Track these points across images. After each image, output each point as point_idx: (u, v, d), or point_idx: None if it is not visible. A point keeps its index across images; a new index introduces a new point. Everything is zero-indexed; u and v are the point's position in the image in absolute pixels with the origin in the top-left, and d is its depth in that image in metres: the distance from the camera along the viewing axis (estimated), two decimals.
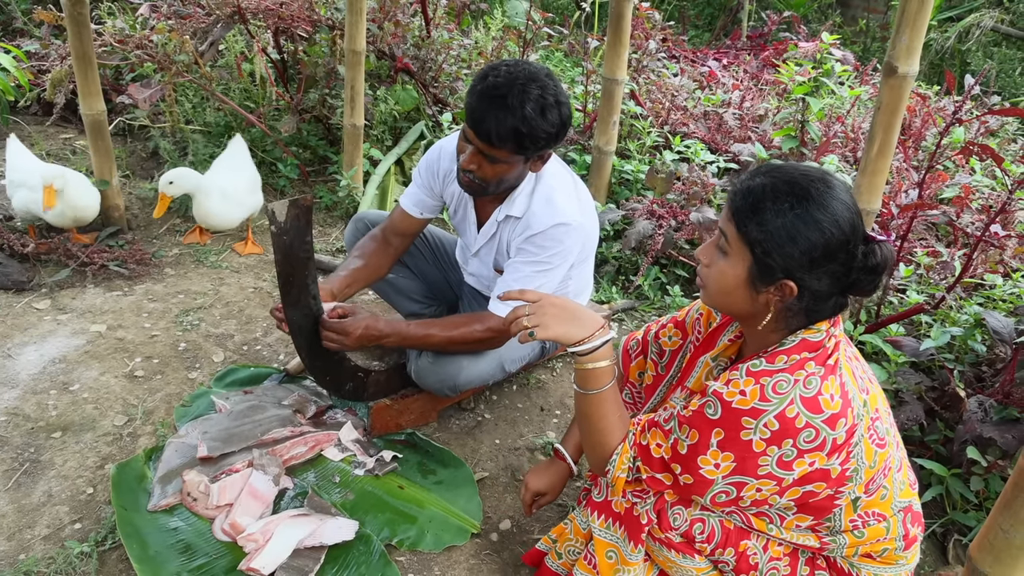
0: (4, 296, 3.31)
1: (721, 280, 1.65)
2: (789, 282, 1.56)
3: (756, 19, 8.40)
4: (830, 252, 1.54)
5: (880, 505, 1.68)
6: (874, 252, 1.56)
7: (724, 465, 1.59)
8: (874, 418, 1.63)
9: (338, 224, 4.24)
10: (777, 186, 1.56)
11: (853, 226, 1.55)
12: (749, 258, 1.59)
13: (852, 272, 1.57)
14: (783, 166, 1.61)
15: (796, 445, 1.53)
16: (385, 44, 4.67)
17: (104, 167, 3.75)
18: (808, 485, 1.59)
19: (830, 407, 1.53)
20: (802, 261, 1.54)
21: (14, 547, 2.21)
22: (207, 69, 4.33)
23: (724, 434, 1.57)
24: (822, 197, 1.53)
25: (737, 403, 1.56)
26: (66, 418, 2.69)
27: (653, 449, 1.71)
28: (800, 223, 1.52)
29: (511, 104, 2.11)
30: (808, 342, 1.61)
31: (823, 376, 1.56)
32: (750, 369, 1.59)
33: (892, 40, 2.49)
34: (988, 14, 7.73)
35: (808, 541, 1.73)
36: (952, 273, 3.15)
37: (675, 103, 5.02)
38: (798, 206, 1.53)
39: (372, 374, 2.64)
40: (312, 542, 2.21)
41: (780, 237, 1.53)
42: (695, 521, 1.75)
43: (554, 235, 2.35)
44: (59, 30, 4.94)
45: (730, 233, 1.61)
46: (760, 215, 1.55)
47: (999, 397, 2.51)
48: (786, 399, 1.53)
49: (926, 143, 4.62)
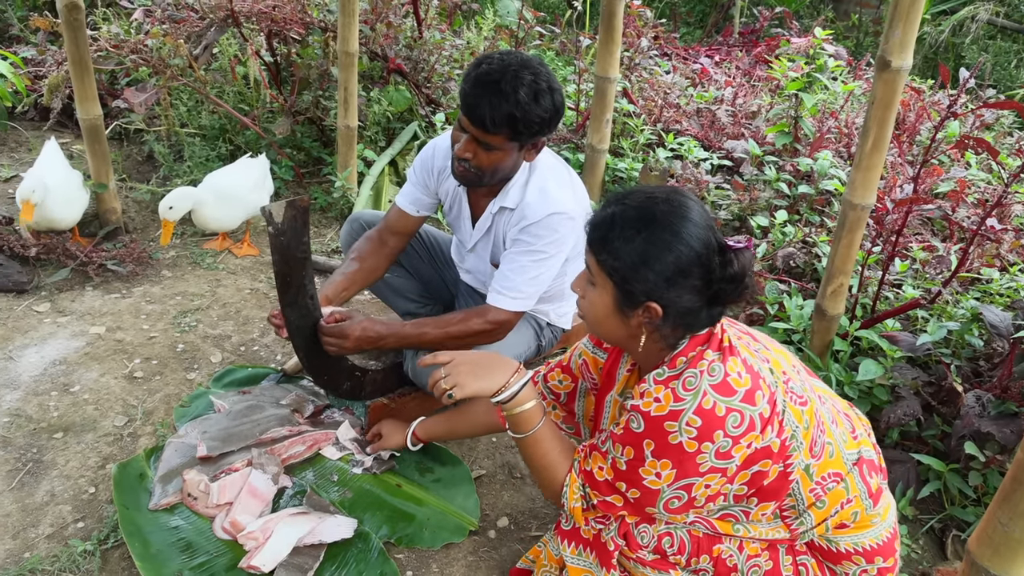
0: (5, 299, 3.31)
1: (594, 310, 1.71)
2: (653, 304, 1.61)
3: (748, 15, 8.42)
4: (684, 269, 1.58)
5: (832, 464, 1.70)
6: (731, 261, 1.61)
7: (665, 473, 1.62)
8: (785, 380, 1.68)
9: (333, 225, 4.25)
10: (625, 213, 1.61)
11: (703, 241, 1.59)
12: (612, 286, 1.64)
13: (712, 284, 1.61)
14: (632, 192, 1.67)
15: (728, 434, 1.56)
16: (378, 45, 4.68)
17: (101, 170, 3.75)
18: (754, 466, 1.62)
19: (741, 385, 1.58)
20: (658, 282, 1.59)
21: (19, 545, 2.22)
22: (201, 73, 4.34)
23: (654, 444, 1.60)
24: (668, 218, 1.58)
25: (655, 411, 1.59)
26: (67, 419, 2.70)
27: (596, 473, 1.74)
28: (649, 246, 1.58)
29: (504, 90, 2.14)
30: (697, 337, 1.67)
31: (723, 359, 1.61)
32: (656, 378, 1.64)
33: (885, 34, 2.50)
34: (983, 7, 7.73)
35: (778, 533, 1.74)
36: (948, 268, 3.16)
37: (668, 101, 5.04)
38: (644, 230, 1.58)
39: (369, 373, 2.65)
40: (311, 540, 2.22)
41: (633, 262, 1.59)
42: (662, 536, 1.77)
43: (549, 224, 2.36)
44: (55, 36, 4.93)
45: (591, 264, 1.67)
46: (611, 244, 1.61)
47: (997, 392, 2.52)
48: (699, 393, 1.57)
49: (921, 137, 4.64)
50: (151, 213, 4.15)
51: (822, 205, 3.91)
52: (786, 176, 4.05)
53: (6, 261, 3.43)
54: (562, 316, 2.73)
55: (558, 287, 2.60)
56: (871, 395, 2.72)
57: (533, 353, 2.78)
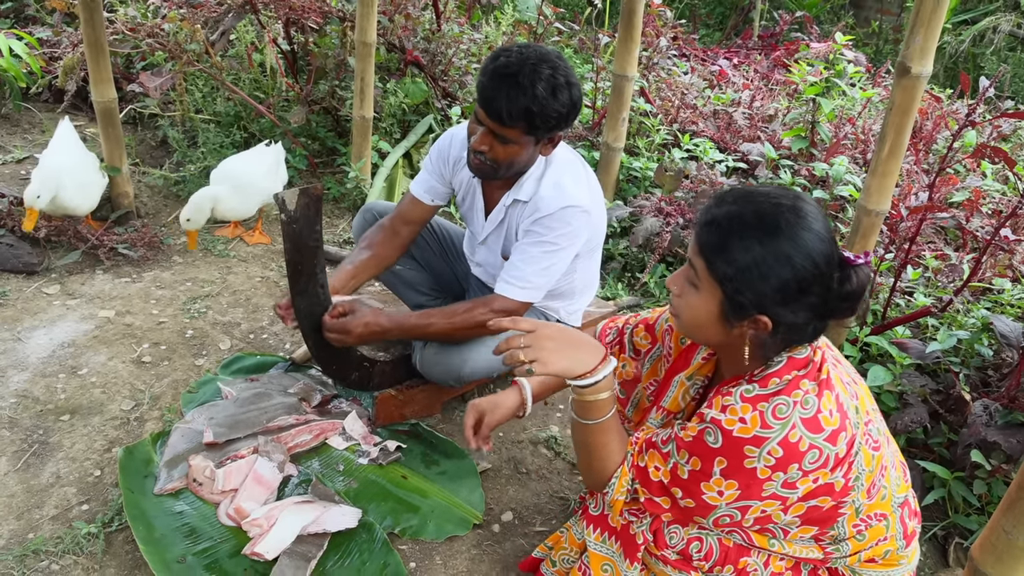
0: (15, 280, 3.32)
1: (693, 313, 1.60)
2: (763, 317, 1.51)
3: (768, 19, 8.39)
4: (804, 287, 1.48)
5: (881, 505, 1.65)
6: (850, 278, 1.52)
7: (728, 493, 1.55)
8: (867, 422, 1.61)
9: (345, 215, 4.25)
10: (745, 218, 1.50)
11: (827, 256, 1.49)
12: (720, 294, 1.53)
13: (829, 301, 1.52)
14: (751, 192, 1.55)
15: (801, 468, 1.50)
16: (395, 37, 4.67)
17: (114, 154, 3.76)
18: (813, 500, 1.56)
19: (830, 424, 1.50)
20: (775, 298, 1.49)
21: (23, 526, 2.23)
22: (218, 59, 4.34)
23: (727, 463, 1.52)
24: (792, 229, 1.47)
25: (738, 432, 1.50)
26: (74, 401, 2.70)
27: (651, 472, 1.66)
28: (771, 259, 1.47)
29: (522, 83, 2.13)
30: (796, 360, 1.57)
31: (818, 393, 1.52)
32: (744, 395, 1.54)
33: (906, 40, 2.49)
34: (1004, 18, 7.69)
35: (812, 553, 1.69)
36: (960, 276, 3.15)
37: (685, 101, 5.02)
38: (768, 240, 1.47)
39: (378, 364, 2.65)
40: (315, 529, 2.22)
41: (751, 274, 1.48)
42: (692, 540, 1.71)
43: (562, 217, 2.35)
44: (71, 17, 4.95)
45: (699, 267, 1.55)
46: (728, 251, 1.49)
47: (1005, 401, 2.51)
48: (788, 424, 1.48)
49: (937, 146, 4.62)
50: (163, 198, 4.15)
51: (836, 210, 3.90)
52: (801, 180, 4.04)
53: (16, 242, 3.44)
54: (572, 314, 2.73)
55: (568, 284, 2.59)
56: (879, 401, 2.71)
57: None
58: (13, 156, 4.37)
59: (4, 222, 3.51)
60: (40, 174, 3.27)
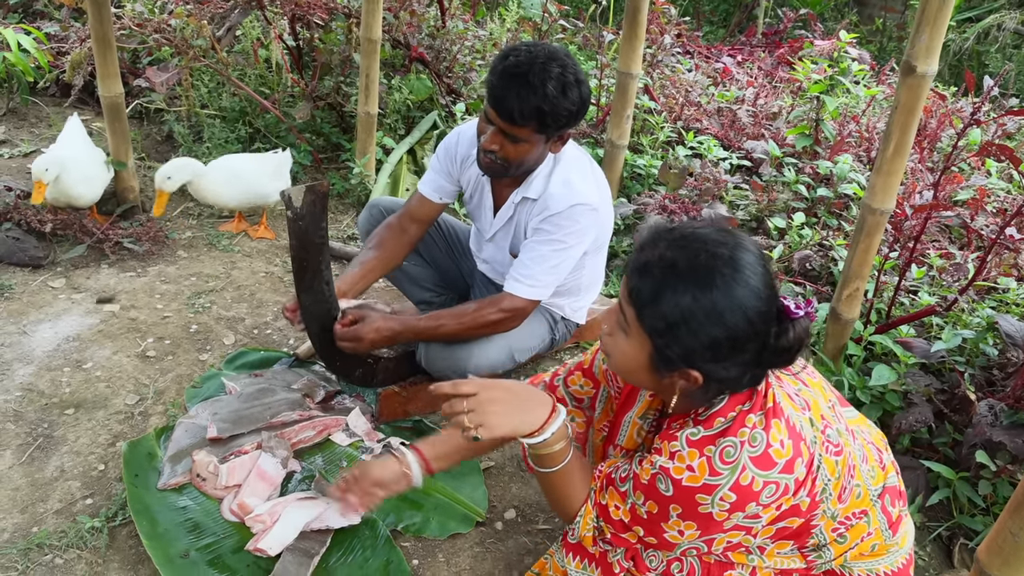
0: (20, 273, 3.33)
1: (623, 359, 1.54)
2: (693, 372, 1.45)
3: (772, 16, 8.37)
4: (737, 345, 1.41)
5: (858, 503, 1.62)
6: (787, 332, 1.45)
7: (688, 532, 1.52)
8: (823, 428, 1.56)
9: (349, 211, 4.25)
10: (678, 267, 1.41)
11: (763, 314, 1.41)
12: (649, 345, 1.46)
13: (763, 356, 1.45)
14: (688, 237, 1.45)
15: (759, 503, 1.46)
16: (400, 33, 4.67)
17: (121, 149, 3.76)
18: (781, 523, 1.53)
19: (782, 456, 1.45)
20: (705, 355, 1.42)
21: (27, 520, 2.24)
22: (224, 54, 4.34)
23: (682, 509, 1.49)
24: (727, 284, 1.38)
25: (687, 481, 1.46)
26: (79, 395, 2.71)
27: (612, 511, 1.63)
28: (701, 315, 1.39)
29: (532, 82, 2.13)
30: (737, 396, 1.51)
31: (766, 426, 1.47)
32: (690, 438, 1.49)
33: (911, 38, 2.48)
34: (1009, 15, 7.68)
35: (794, 564, 1.67)
36: (965, 275, 3.14)
37: (689, 99, 5.02)
38: (700, 295, 1.38)
39: (382, 361, 2.65)
40: (318, 525, 2.22)
41: (680, 330, 1.41)
42: (672, 561, 1.68)
43: (571, 215, 2.35)
44: (79, 12, 4.96)
45: (629, 316, 1.48)
46: (658, 304, 1.41)
47: (1010, 401, 2.50)
48: (737, 467, 1.43)
49: (941, 144, 4.61)
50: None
51: (840, 209, 3.90)
52: (805, 178, 4.03)
53: (23, 236, 3.44)
54: (577, 311, 2.73)
55: (574, 281, 2.59)
56: (883, 400, 2.71)
57: (547, 347, 2.78)
58: (20, 150, 4.37)
59: (11, 215, 3.51)
60: (48, 156, 3.35)
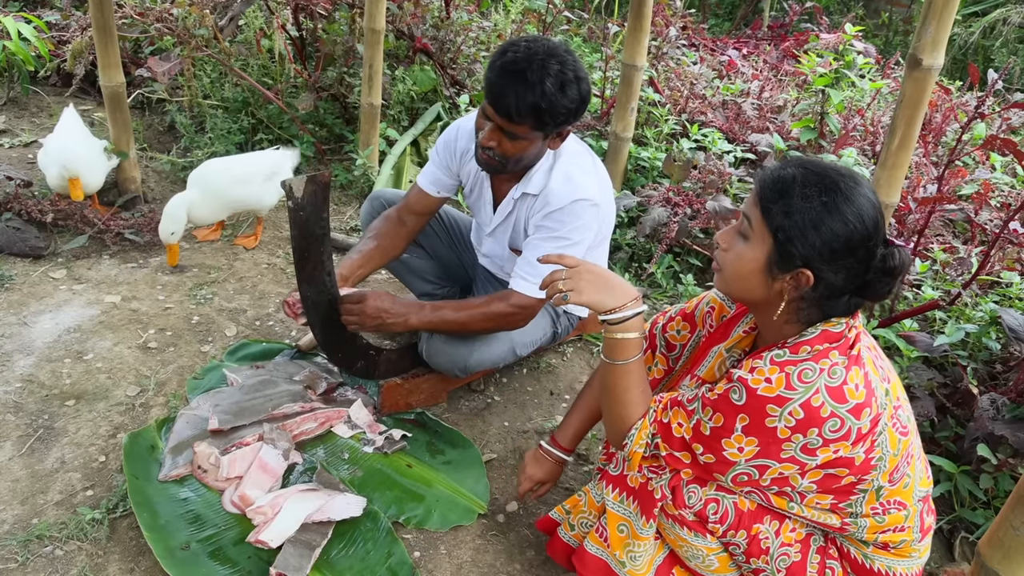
0: (21, 264, 3.32)
1: (738, 264, 1.66)
2: (806, 271, 1.57)
3: (777, 9, 8.35)
4: (851, 246, 1.55)
5: (902, 494, 1.69)
6: (893, 255, 1.58)
7: (748, 449, 1.61)
8: (896, 406, 1.65)
9: (352, 203, 4.24)
10: (807, 176, 1.57)
11: (876, 224, 1.56)
12: (770, 243, 1.59)
13: (869, 271, 1.58)
14: (814, 159, 1.63)
15: (821, 434, 1.55)
16: (404, 24, 4.66)
17: (122, 139, 3.75)
18: (831, 469, 1.61)
19: (855, 397, 1.55)
20: (822, 251, 1.55)
21: (27, 511, 2.23)
22: (226, 44, 4.33)
23: (749, 420, 1.59)
24: (850, 191, 1.55)
25: (763, 391, 1.57)
26: (80, 387, 2.70)
27: (675, 428, 1.72)
28: (825, 212, 1.54)
29: (531, 79, 2.11)
30: (829, 333, 1.62)
31: (847, 366, 1.57)
32: (774, 358, 1.60)
33: (917, 32, 2.47)
34: (1015, 9, 7.64)
35: (829, 520, 1.72)
36: (968, 270, 3.13)
37: (694, 91, 5.00)
38: (825, 195, 1.54)
39: (384, 353, 2.65)
40: (320, 517, 2.22)
41: (804, 224, 1.55)
42: (709, 501, 1.75)
43: (573, 210, 2.34)
44: (80, 1, 4.95)
45: (754, 217, 1.62)
46: (787, 201, 1.56)
47: (1012, 395, 2.50)
48: (812, 388, 1.54)
49: (946, 138, 4.59)
50: (170, 183, 4.15)
51: None
52: None
53: (23, 226, 3.44)
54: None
55: None
56: None
57: (548, 340, 2.78)
58: (20, 139, 4.37)
59: (11, 205, 3.50)
60: (46, 157, 3.38)
